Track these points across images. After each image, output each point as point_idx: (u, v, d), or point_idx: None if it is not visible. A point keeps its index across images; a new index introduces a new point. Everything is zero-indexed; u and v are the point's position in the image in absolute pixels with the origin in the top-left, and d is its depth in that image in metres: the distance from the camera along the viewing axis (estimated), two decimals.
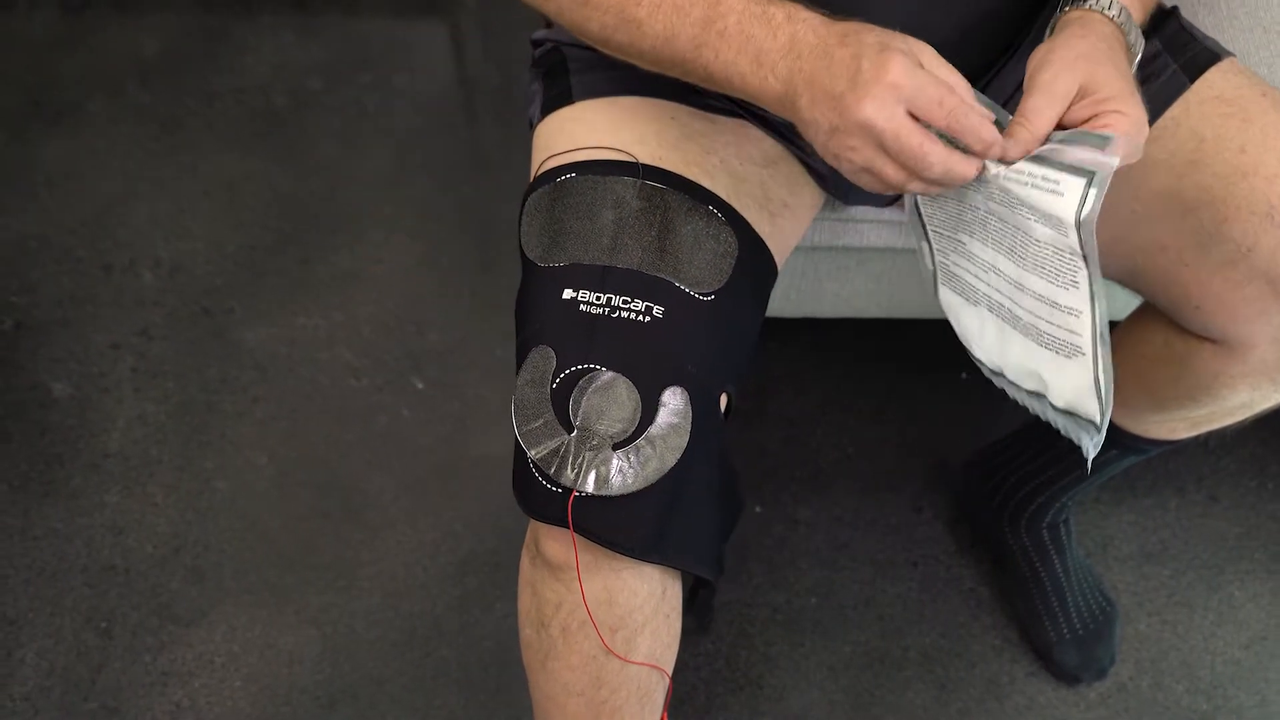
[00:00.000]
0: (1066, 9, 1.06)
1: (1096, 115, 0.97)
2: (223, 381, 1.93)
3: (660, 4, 1.02)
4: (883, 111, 0.92)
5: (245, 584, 1.73)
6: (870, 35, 0.94)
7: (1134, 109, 0.97)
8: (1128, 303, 1.35)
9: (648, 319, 1.07)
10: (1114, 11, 1.04)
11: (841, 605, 1.72)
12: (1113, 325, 1.40)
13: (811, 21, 0.97)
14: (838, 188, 1.32)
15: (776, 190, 1.25)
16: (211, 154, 2.23)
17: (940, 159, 0.95)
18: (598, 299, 1.07)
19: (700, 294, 1.10)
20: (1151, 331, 1.28)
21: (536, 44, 1.34)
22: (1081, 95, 0.98)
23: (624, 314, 1.07)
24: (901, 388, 1.92)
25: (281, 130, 2.26)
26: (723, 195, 1.16)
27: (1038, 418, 1.57)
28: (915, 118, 0.94)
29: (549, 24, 1.33)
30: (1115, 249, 1.21)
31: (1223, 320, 1.16)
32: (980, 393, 1.90)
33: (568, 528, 1.04)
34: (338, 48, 2.40)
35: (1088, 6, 1.05)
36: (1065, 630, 1.65)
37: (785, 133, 1.25)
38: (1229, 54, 1.20)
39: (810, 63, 0.96)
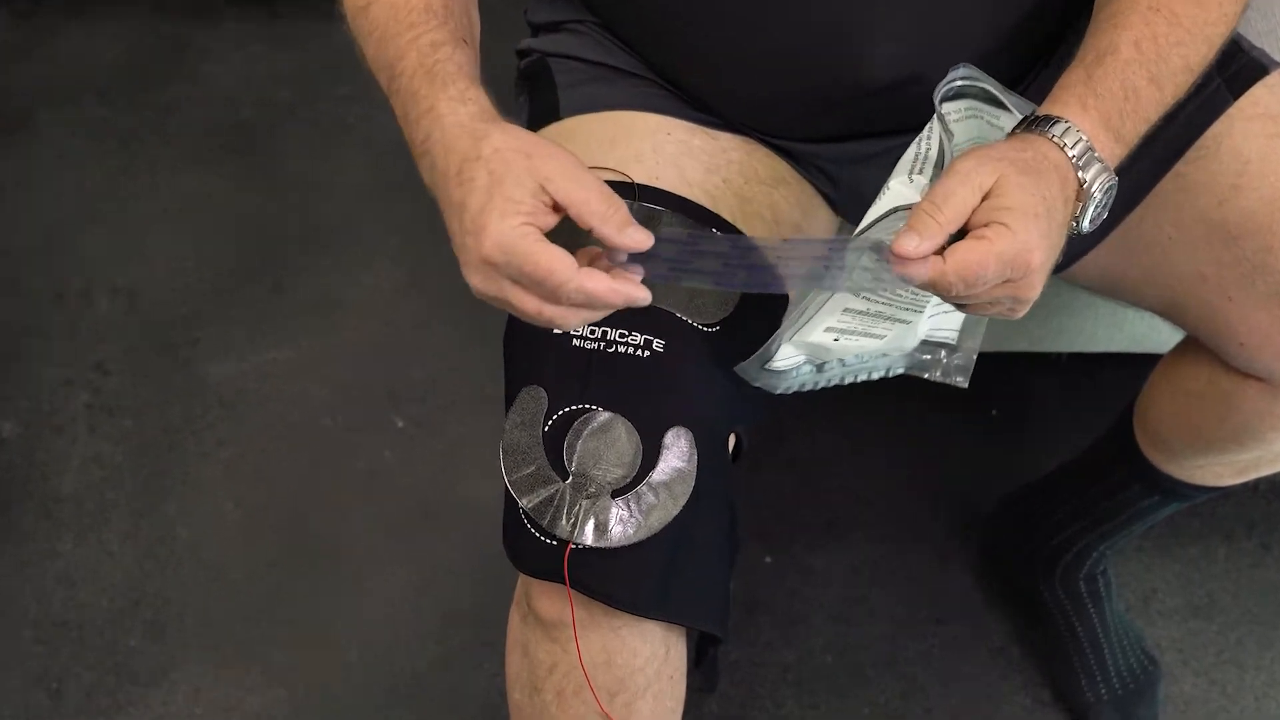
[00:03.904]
0: (1017, 130, 1.02)
1: (988, 224, 0.93)
2: (185, 420, 1.93)
3: (374, 29, 1.04)
4: (486, 286, 0.92)
5: (209, 640, 1.73)
6: (483, 174, 0.91)
7: (1024, 230, 0.92)
8: (1171, 336, 1.36)
9: (647, 354, 1.08)
10: (1069, 141, 0.99)
11: (859, 664, 1.72)
12: (1155, 359, 1.41)
13: (447, 124, 0.95)
14: (851, 211, 1.32)
15: (787, 212, 1.25)
16: (174, 171, 2.24)
17: (571, 279, 0.90)
18: (592, 333, 1.08)
19: (704, 325, 1.11)
20: (1195, 368, 1.29)
21: (521, 55, 1.34)
22: (986, 196, 0.94)
23: (621, 349, 1.08)
24: (925, 426, 1.93)
25: (250, 145, 2.27)
26: (727, 217, 1.17)
27: (1075, 460, 1.58)
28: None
29: (534, 33, 1.34)
30: (1152, 278, 1.22)
31: (1269, 357, 1.16)
32: (1011, 431, 1.91)
33: (563, 582, 1.04)
34: (311, 55, 2.41)
35: (1039, 131, 0.99)
36: (1104, 690, 1.65)
37: (795, 153, 1.26)
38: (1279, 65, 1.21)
39: (437, 187, 0.96)
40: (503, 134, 0.93)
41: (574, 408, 1.06)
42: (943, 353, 1.19)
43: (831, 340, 1.09)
